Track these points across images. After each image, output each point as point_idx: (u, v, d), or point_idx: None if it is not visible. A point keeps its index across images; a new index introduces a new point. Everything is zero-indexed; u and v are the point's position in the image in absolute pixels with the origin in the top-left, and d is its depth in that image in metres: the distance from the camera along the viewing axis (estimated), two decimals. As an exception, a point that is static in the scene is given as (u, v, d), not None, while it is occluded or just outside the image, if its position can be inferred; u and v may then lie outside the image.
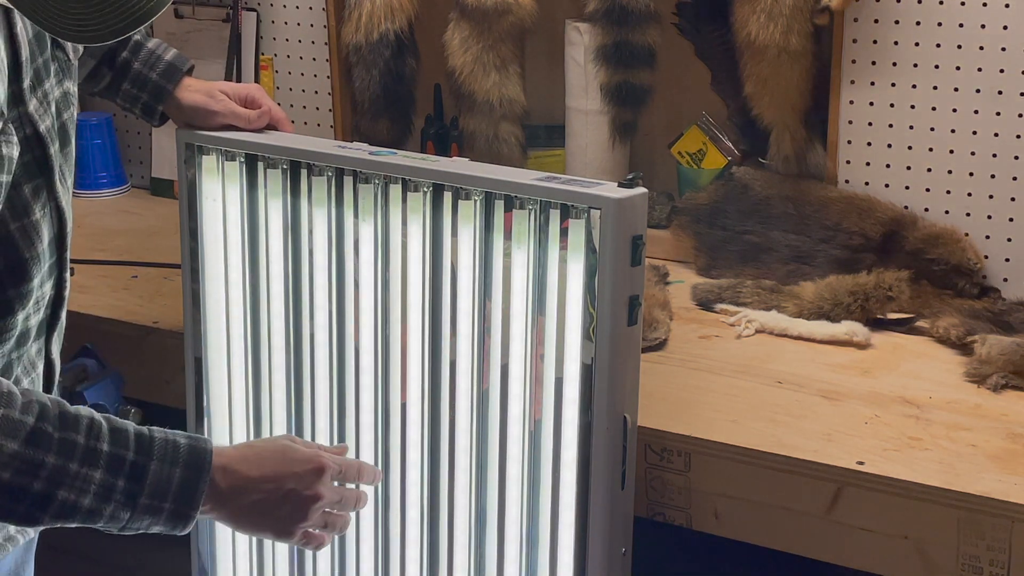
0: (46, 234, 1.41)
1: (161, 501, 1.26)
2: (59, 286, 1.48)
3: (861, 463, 1.63)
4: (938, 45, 2.14)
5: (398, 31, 2.48)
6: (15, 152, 1.32)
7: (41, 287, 1.42)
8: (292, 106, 2.70)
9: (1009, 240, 2.15)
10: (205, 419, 1.88)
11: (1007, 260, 2.16)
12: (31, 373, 1.47)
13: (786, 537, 1.68)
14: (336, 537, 1.79)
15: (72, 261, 1.51)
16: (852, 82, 2.22)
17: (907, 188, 2.22)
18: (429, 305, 1.65)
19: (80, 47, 1.52)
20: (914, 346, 2.02)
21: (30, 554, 1.61)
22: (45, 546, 1.66)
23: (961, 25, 2.12)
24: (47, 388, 1.51)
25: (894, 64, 2.18)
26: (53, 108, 1.42)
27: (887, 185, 2.23)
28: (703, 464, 1.71)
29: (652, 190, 1.61)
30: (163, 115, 1.82)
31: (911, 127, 2.19)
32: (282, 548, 1.85)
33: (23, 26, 1.35)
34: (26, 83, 1.37)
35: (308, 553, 1.83)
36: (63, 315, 1.51)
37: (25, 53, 1.36)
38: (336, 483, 1.41)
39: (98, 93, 1.81)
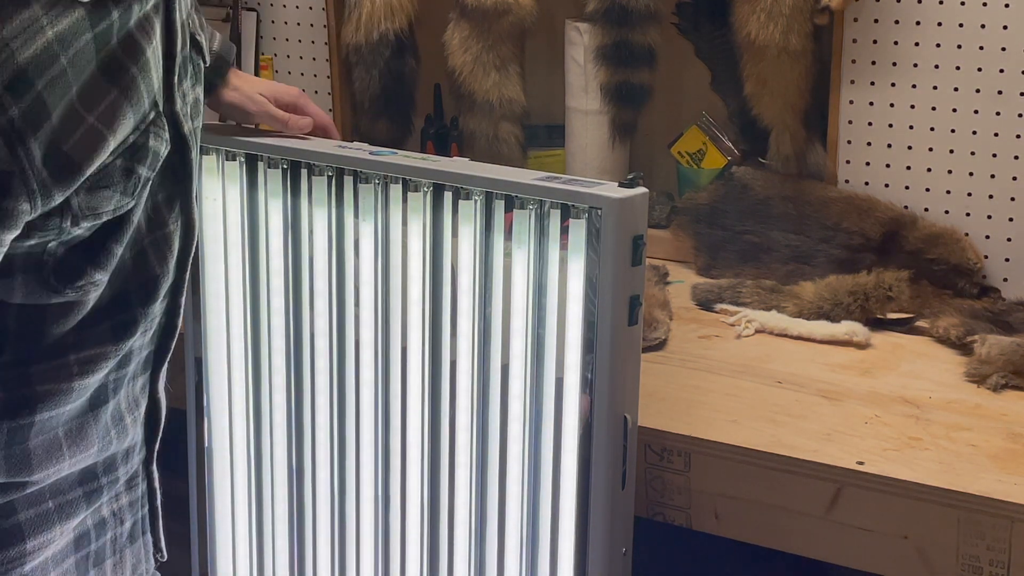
0: (176, 248, 1.32)
1: None
2: (172, 312, 1.37)
3: (861, 463, 1.63)
4: (938, 45, 2.14)
5: (398, 31, 2.48)
6: (163, 150, 1.23)
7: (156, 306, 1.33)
8: (292, 106, 2.70)
9: (1009, 240, 2.15)
10: (205, 419, 1.88)
11: (1007, 260, 2.16)
12: (134, 411, 1.36)
13: (786, 537, 1.68)
14: (336, 537, 1.80)
15: None
16: (852, 82, 2.22)
17: (907, 188, 2.22)
18: (429, 305, 1.65)
19: (208, 54, 1.44)
20: (914, 346, 2.02)
21: None
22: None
23: (961, 25, 2.12)
24: (151, 432, 1.40)
25: (894, 64, 2.18)
26: (190, 110, 1.33)
27: (887, 185, 2.23)
28: (703, 464, 1.71)
29: (652, 190, 1.61)
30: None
31: (911, 127, 2.19)
32: (282, 548, 1.85)
33: (180, 15, 1.26)
34: (175, 78, 1.28)
35: (308, 553, 1.83)
36: (171, 346, 1.39)
37: (179, 45, 1.27)
38: None
39: None
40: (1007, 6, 2.08)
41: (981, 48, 2.11)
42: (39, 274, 1.19)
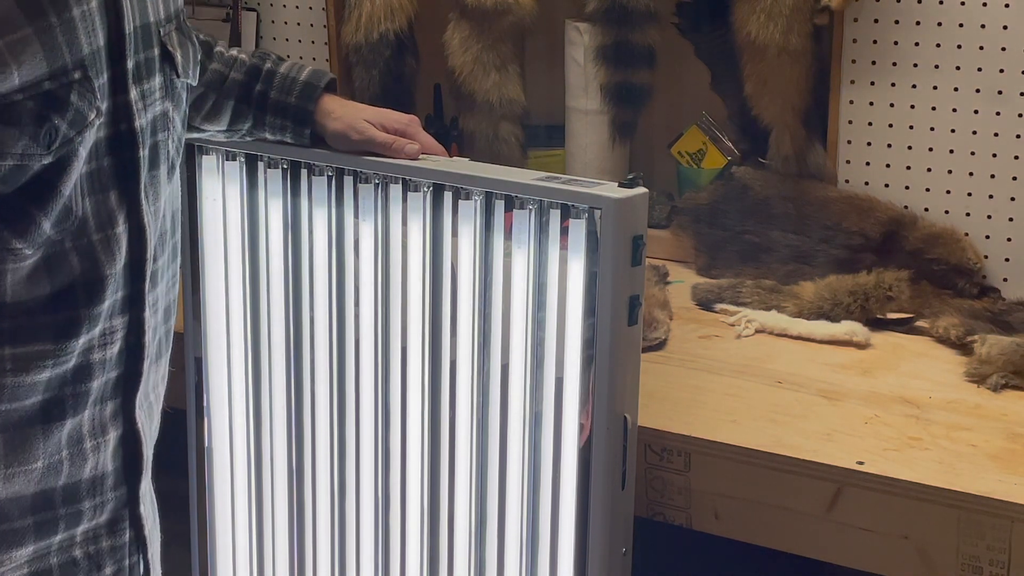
0: (124, 252, 1.25)
1: None
2: (136, 330, 1.28)
3: (861, 463, 1.63)
4: (938, 45, 2.14)
5: (398, 31, 2.48)
6: (91, 115, 1.19)
7: (111, 319, 1.25)
8: (292, 106, 2.70)
9: (1009, 240, 2.15)
10: (205, 419, 1.88)
11: (1007, 260, 2.16)
12: (98, 437, 1.25)
13: (786, 537, 1.68)
14: (336, 537, 1.80)
15: None
16: (852, 82, 2.22)
17: (907, 188, 2.22)
18: (429, 305, 1.65)
19: (191, 70, 1.39)
20: (914, 346, 2.02)
21: None
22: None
23: (961, 25, 2.12)
24: (131, 468, 1.30)
25: (894, 64, 2.19)
26: (149, 115, 1.28)
27: (887, 185, 2.23)
28: (703, 464, 1.71)
29: (652, 190, 1.61)
30: (312, 135, 1.69)
31: (911, 127, 2.19)
32: (282, 549, 1.86)
33: (131, 12, 1.23)
34: (130, 64, 1.24)
35: (308, 554, 1.83)
36: (144, 370, 1.29)
37: (129, 26, 1.23)
38: None
39: (247, 133, 1.72)
40: (1007, 6, 2.08)
41: (981, 48, 2.11)
42: None
